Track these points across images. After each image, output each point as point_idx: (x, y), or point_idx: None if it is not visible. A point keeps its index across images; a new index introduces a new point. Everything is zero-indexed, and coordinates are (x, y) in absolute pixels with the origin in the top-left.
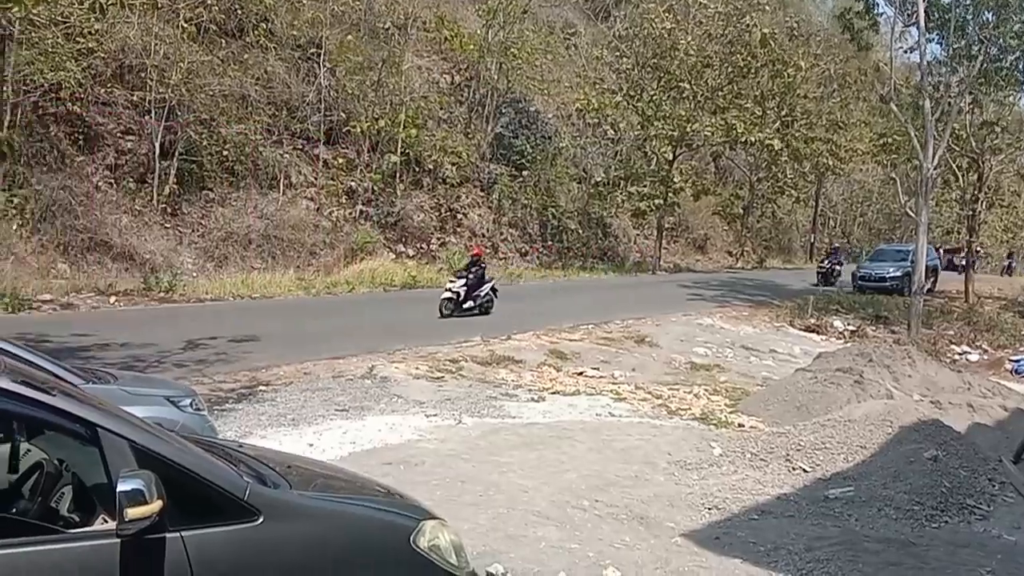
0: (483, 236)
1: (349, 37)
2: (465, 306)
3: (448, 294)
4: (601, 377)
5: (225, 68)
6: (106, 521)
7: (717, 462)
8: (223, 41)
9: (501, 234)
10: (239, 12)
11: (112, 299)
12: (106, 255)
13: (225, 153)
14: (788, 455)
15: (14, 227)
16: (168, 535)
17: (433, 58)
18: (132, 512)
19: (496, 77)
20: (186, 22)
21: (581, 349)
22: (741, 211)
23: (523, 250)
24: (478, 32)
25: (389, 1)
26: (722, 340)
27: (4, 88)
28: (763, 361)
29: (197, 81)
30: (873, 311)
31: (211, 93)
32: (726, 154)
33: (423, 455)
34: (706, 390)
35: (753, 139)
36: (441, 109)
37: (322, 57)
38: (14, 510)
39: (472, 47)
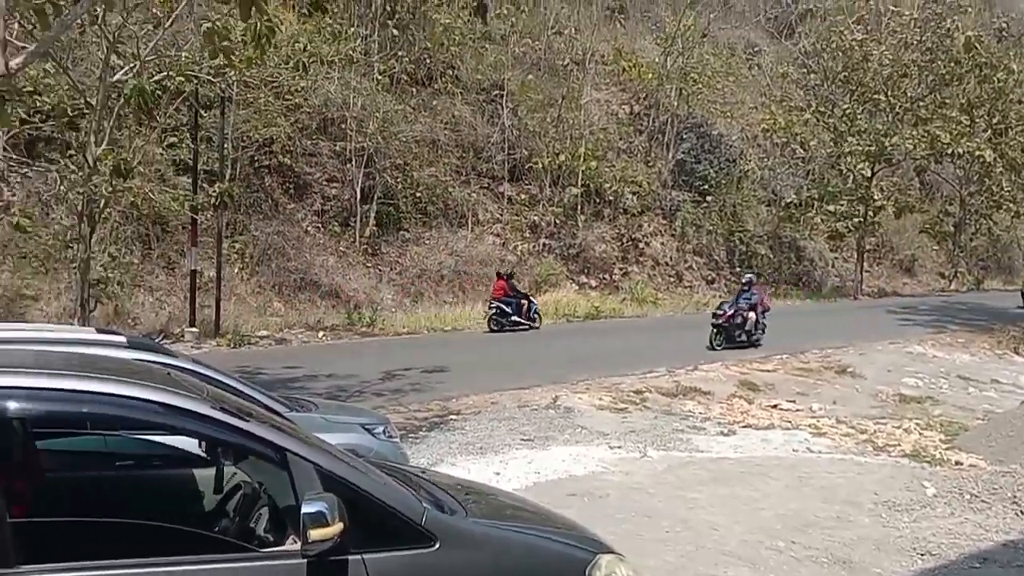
0: (666, 264)
1: (530, 77)
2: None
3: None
4: (798, 410)
5: (416, 115)
6: (295, 542)
7: (931, 503)
8: (414, 90)
9: (685, 262)
10: (428, 61)
11: (320, 334)
12: (315, 293)
13: (418, 195)
14: (1015, 497)
15: (236, 270)
16: (350, 557)
17: (611, 90)
18: (315, 533)
19: (676, 103)
20: (380, 74)
21: (775, 380)
22: (952, 229)
23: (709, 278)
24: (656, 60)
25: (567, 39)
26: (935, 370)
27: (225, 145)
28: (983, 392)
29: (391, 129)
30: None
31: (404, 139)
32: (931, 168)
33: (607, 487)
34: (917, 424)
35: (961, 150)
36: (620, 139)
37: (504, 98)
38: (217, 529)
39: (650, 75)
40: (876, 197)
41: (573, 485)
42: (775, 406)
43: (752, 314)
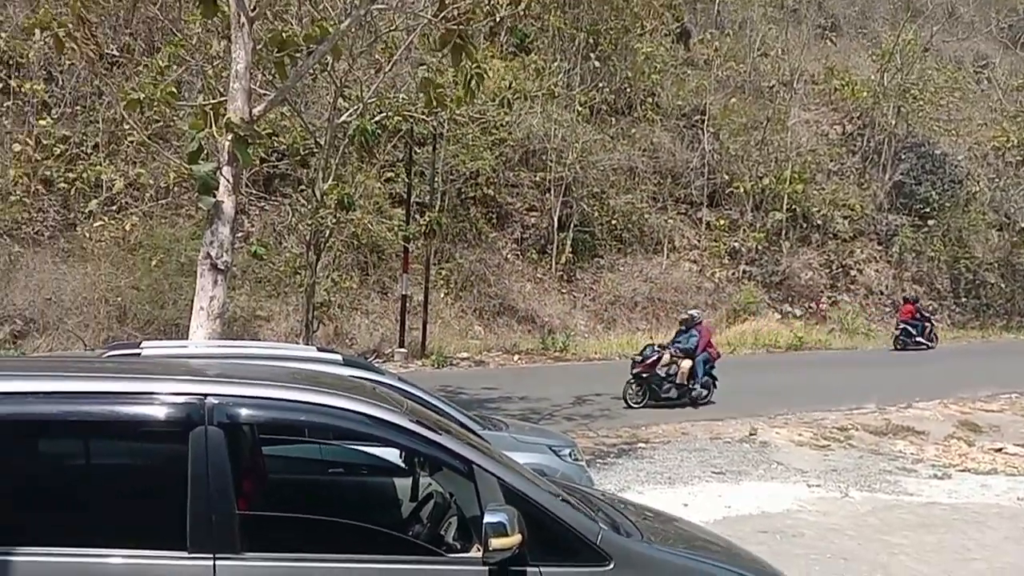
0: (881, 293)
1: (733, 100)
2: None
3: None
4: None
5: (615, 144)
6: (479, 550)
7: None
8: (613, 119)
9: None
10: (628, 90)
11: (515, 357)
12: (512, 318)
13: (614, 222)
14: None
15: (441, 295)
16: (529, 568)
17: (822, 110)
18: (495, 542)
19: (894, 122)
20: (581, 106)
21: (1000, 421)
22: None
23: (931, 307)
24: (871, 77)
25: (774, 60)
26: None
27: (436, 178)
28: None
29: (590, 158)
30: None
31: (602, 168)
32: None
33: (802, 526)
34: None
35: None
36: (831, 161)
37: (705, 123)
38: (411, 533)
39: (865, 93)
40: None
41: (765, 522)
42: (999, 450)
43: (687, 363)
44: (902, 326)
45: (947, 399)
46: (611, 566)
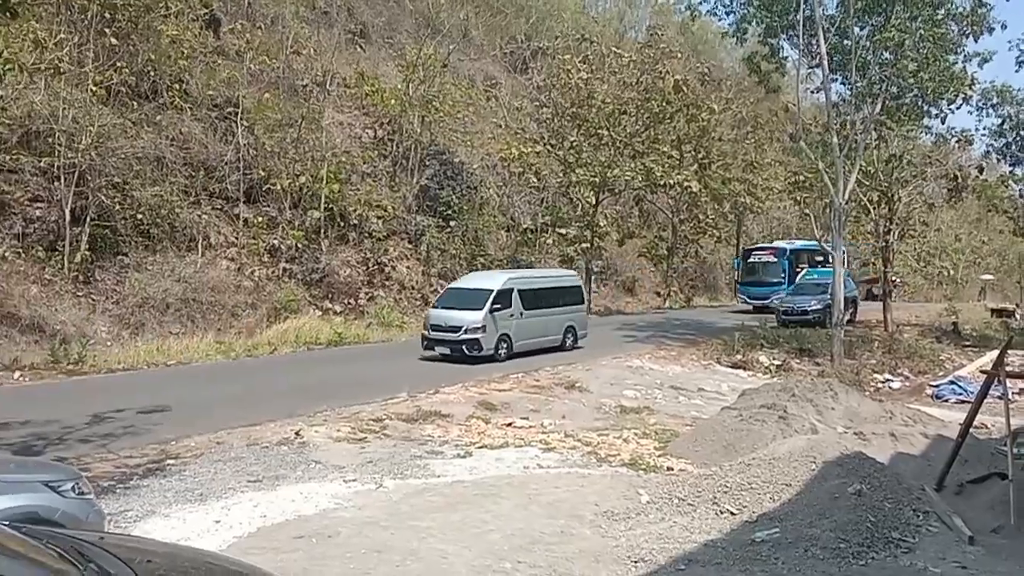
0: (412, 288)
1: (267, 95)
2: None
3: None
4: (530, 427)
5: (138, 130)
6: None
7: (644, 510)
8: (135, 103)
9: (431, 285)
10: (152, 74)
11: (16, 374)
12: (13, 328)
13: (140, 216)
14: (715, 498)
15: None
16: None
17: (354, 113)
18: None
19: (419, 130)
20: (95, 85)
21: (510, 399)
22: (666, 252)
23: None
24: (399, 87)
25: (307, 59)
26: (651, 381)
27: None
28: (692, 400)
29: (108, 144)
30: (797, 344)
31: (123, 156)
32: (648, 197)
33: (338, 525)
34: (635, 434)
35: (672, 182)
36: (364, 163)
37: (240, 116)
38: None
39: (393, 101)
40: (601, 224)
41: (301, 526)
42: (510, 424)
43: None
44: None
45: (468, 382)
46: None
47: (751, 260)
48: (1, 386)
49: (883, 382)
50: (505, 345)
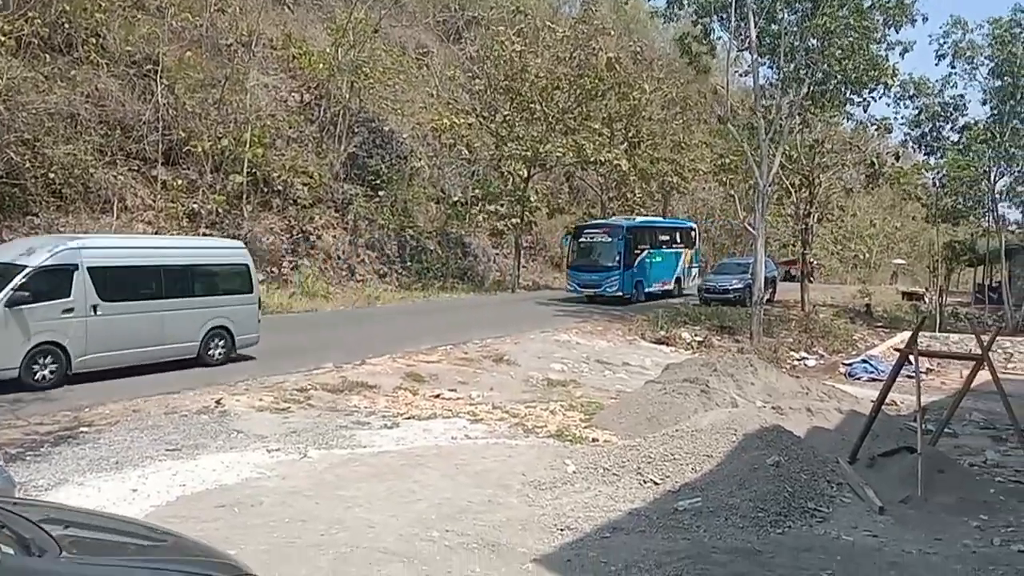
0: (339, 258)
1: (189, 54)
2: None
3: None
4: (458, 399)
5: (51, 85)
6: None
7: (571, 479)
8: (47, 56)
9: (358, 256)
10: (67, 26)
11: None
12: None
13: (52, 176)
14: (639, 468)
15: None
16: None
17: (281, 76)
18: None
19: (348, 96)
20: (4, 35)
21: (439, 371)
22: None
23: (381, 271)
24: (328, 51)
25: (232, 18)
26: (578, 355)
27: None
28: (616, 374)
29: (18, 99)
30: (718, 322)
31: (34, 112)
32: (578, 174)
33: (261, 494)
34: (562, 406)
35: (602, 159)
36: (290, 128)
37: (159, 74)
38: None
39: (322, 66)
40: (532, 199)
41: (223, 496)
42: (438, 396)
43: None
44: None
45: (395, 354)
46: None
47: (583, 240)
48: None
49: (799, 359)
50: (50, 362)
